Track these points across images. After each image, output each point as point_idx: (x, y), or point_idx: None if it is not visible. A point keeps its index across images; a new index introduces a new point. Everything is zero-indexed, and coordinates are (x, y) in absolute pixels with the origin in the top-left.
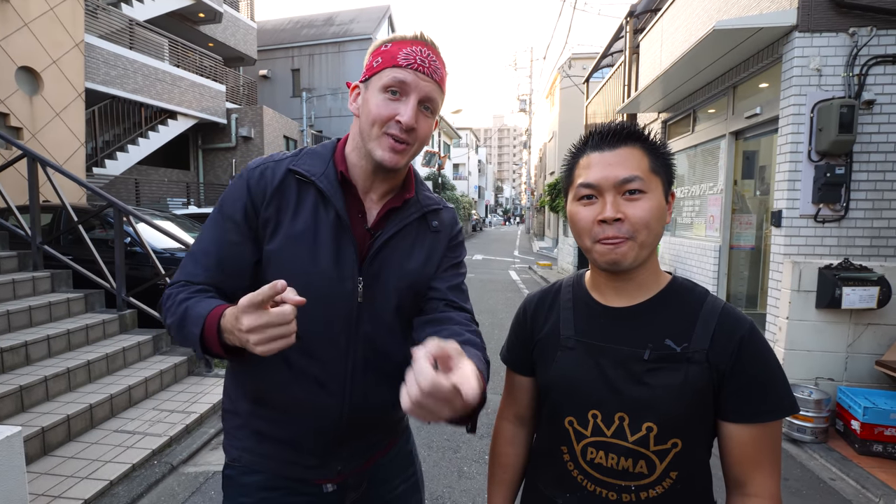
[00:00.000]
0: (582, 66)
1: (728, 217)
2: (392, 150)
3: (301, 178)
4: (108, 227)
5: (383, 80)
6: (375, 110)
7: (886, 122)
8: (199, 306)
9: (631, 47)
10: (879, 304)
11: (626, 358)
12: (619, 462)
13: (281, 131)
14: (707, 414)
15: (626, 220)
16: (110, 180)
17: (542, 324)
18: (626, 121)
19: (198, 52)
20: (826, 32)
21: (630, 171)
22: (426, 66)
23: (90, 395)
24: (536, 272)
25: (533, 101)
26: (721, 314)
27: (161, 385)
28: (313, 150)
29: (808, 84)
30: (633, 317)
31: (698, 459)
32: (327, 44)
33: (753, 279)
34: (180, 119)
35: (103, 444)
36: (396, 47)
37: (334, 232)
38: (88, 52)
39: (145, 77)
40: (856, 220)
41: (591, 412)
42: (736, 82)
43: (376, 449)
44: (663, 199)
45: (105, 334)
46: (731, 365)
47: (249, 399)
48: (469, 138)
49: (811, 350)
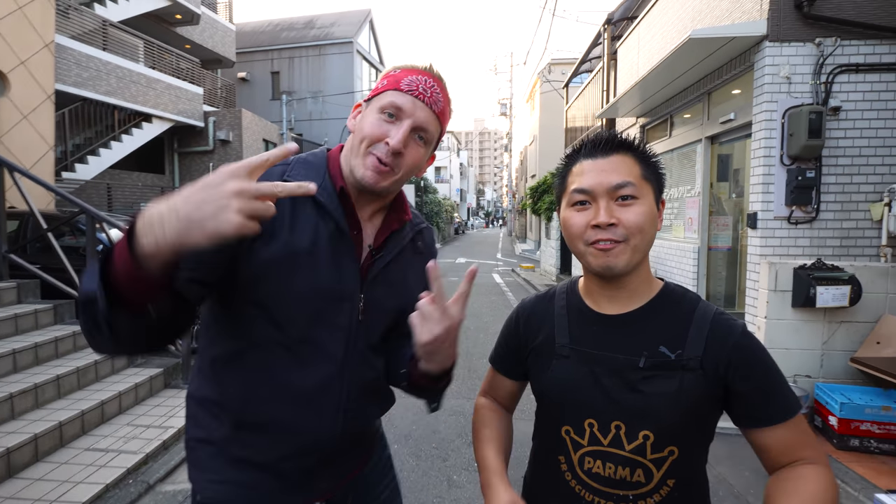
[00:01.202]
0: (561, 72)
1: (706, 219)
2: (374, 170)
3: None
4: (80, 235)
5: (382, 101)
6: (368, 128)
7: (852, 128)
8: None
9: (609, 54)
10: (851, 302)
11: (621, 366)
12: (617, 471)
13: (260, 134)
14: (704, 421)
15: (620, 224)
16: (81, 185)
17: (535, 332)
18: (615, 131)
19: (174, 53)
20: (794, 42)
21: (623, 177)
22: (427, 96)
23: (59, 411)
24: (519, 275)
25: (513, 105)
26: (713, 320)
27: (136, 399)
28: (304, 160)
29: (778, 91)
30: (627, 324)
31: (695, 466)
32: (307, 47)
33: (731, 279)
34: (155, 122)
35: (74, 464)
36: (404, 73)
37: (336, 247)
38: (59, 53)
39: (119, 79)
40: (826, 221)
41: (588, 421)
42: (710, 89)
43: (359, 462)
44: (654, 206)
45: (76, 347)
46: (729, 371)
47: (230, 423)
48: (450, 141)
49: (789, 348)
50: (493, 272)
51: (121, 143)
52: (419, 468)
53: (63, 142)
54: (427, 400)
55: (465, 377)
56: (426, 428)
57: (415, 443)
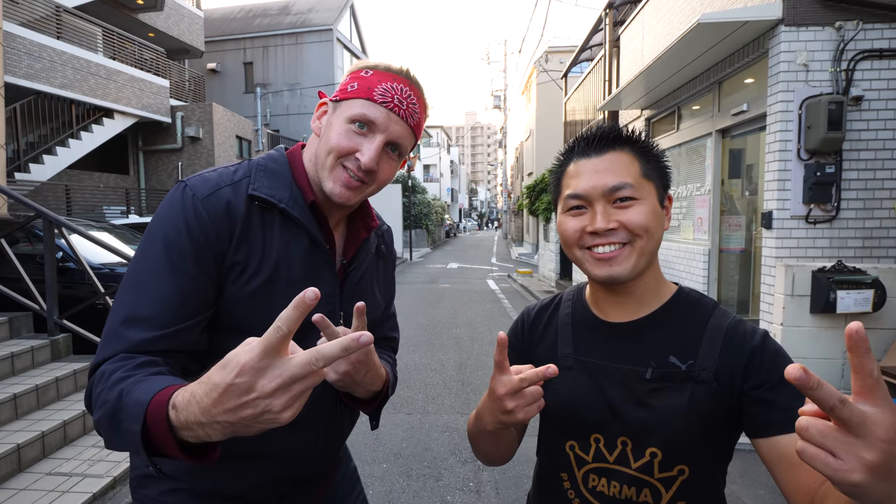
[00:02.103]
0: (559, 61)
1: (717, 219)
2: (345, 186)
3: (266, 205)
4: (37, 241)
5: (353, 110)
6: (336, 140)
7: (875, 119)
8: (140, 388)
9: (611, 41)
10: (875, 307)
11: (627, 377)
12: (623, 490)
13: (233, 131)
14: (717, 438)
15: (622, 227)
16: (36, 187)
17: (538, 340)
18: (612, 123)
19: (137, 42)
20: (812, 26)
21: (619, 177)
22: (403, 108)
23: (17, 433)
24: (516, 280)
25: (508, 98)
26: (729, 328)
27: None
28: (266, 168)
29: (795, 80)
30: (635, 332)
31: (711, 489)
32: (283, 35)
33: (744, 283)
34: (117, 118)
35: (34, 490)
36: (376, 79)
37: (314, 264)
38: (8, 41)
39: (76, 70)
40: (847, 220)
41: (594, 436)
42: (721, 78)
43: (328, 476)
44: (658, 205)
45: (34, 363)
46: (747, 380)
47: None
48: (440, 137)
49: (807, 357)
50: (488, 278)
51: (79, 140)
52: (410, 488)
53: (15, 140)
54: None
55: (459, 391)
56: (417, 445)
57: (405, 461)
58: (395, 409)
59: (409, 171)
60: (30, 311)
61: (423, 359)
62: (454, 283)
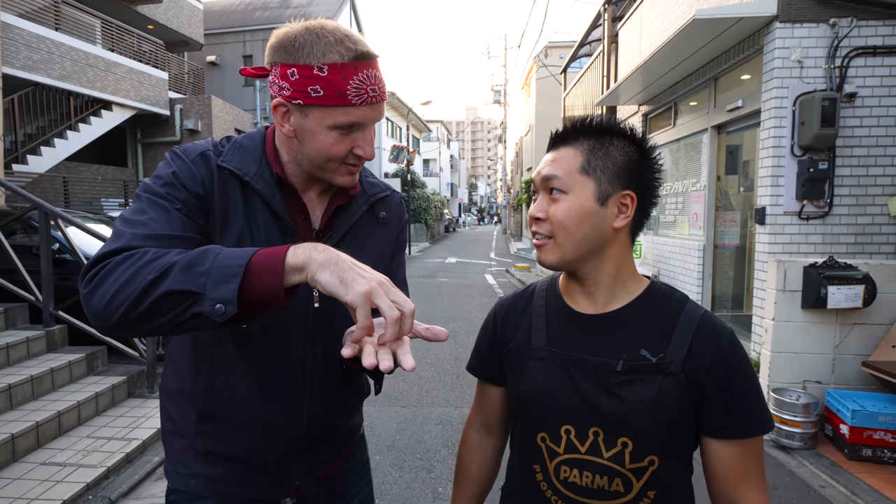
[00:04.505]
0: (559, 55)
1: (712, 215)
2: (350, 174)
3: (232, 177)
4: (33, 232)
5: (334, 119)
6: (332, 149)
7: (868, 116)
8: (227, 251)
9: (609, 36)
10: (865, 302)
11: (598, 369)
12: (595, 480)
13: (232, 124)
14: (686, 429)
15: (548, 219)
16: (34, 179)
17: (513, 332)
18: (589, 116)
19: (135, 34)
20: (807, 23)
21: (552, 169)
22: (377, 94)
23: (12, 423)
24: (514, 275)
25: (508, 93)
26: (700, 323)
27: (96, 410)
28: (240, 143)
29: (789, 76)
30: (607, 325)
31: (677, 478)
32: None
33: (739, 279)
34: (116, 110)
35: (28, 480)
36: (339, 75)
37: (278, 237)
38: (6, 32)
39: (74, 62)
40: (840, 216)
41: (564, 427)
42: (717, 74)
43: (334, 460)
44: (591, 201)
45: (29, 354)
46: (709, 378)
47: (196, 415)
48: (440, 132)
49: (798, 352)
50: (486, 273)
51: (78, 132)
52: (402, 480)
53: (13, 131)
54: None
55: (454, 384)
56: (410, 437)
57: (398, 453)
58: (389, 402)
59: (408, 166)
60: (25, 302)
61: (418, 352)
62: (452, 277)
